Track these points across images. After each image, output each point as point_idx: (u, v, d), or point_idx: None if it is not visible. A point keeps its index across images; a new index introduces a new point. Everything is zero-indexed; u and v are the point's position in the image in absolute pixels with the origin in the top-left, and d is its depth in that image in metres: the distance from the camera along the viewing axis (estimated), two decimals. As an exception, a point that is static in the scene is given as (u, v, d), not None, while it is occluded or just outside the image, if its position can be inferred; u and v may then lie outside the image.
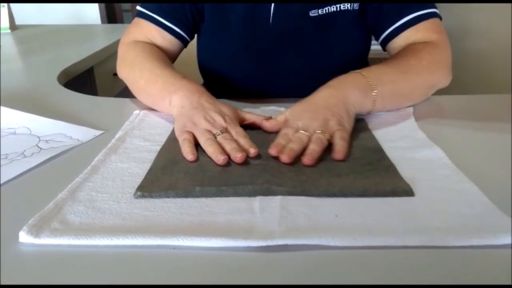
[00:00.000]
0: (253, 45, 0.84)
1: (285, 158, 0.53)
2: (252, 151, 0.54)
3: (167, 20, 0.80)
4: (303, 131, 0.57)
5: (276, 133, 0.60)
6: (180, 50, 0.86)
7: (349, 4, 0.78)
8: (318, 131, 0.57)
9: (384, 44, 0.81)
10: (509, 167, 0.51)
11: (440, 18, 0.78)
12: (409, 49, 0.74)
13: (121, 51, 0.80)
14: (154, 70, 0.71)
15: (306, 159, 0.52)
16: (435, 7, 0.77)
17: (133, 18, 0.84)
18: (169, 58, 0.81)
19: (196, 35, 0.90)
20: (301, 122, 0.59)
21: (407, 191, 0.46)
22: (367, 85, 0.64)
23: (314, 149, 0.54)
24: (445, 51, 0.75)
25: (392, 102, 0.68)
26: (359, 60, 0.88)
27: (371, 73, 0.66)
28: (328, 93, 0.63)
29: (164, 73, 0.70)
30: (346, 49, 0.84)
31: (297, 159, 0.53)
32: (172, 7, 0.80)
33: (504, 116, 0.68)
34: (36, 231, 0.39)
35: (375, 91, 0.64)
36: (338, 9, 0.79)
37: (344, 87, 0.64)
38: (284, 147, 0.55)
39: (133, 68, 0.75)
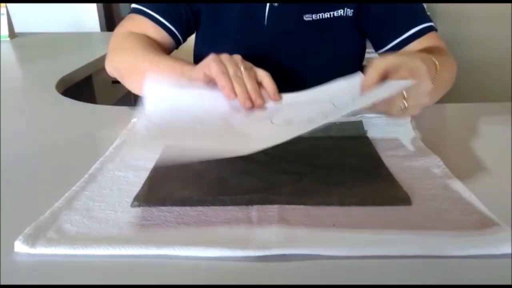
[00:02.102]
0: (247, 48, 0.84)
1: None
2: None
3: (162, 17, 0.80)
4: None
5: None
6: (171, 49, 0.86)
7: (343, 10, 0.79)
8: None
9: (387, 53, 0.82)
10: (508, 176, 0.51)
11: (436, 31, 0.80)
12: (437, 50, 0.74)
13: (115, 41, 0.80)
14: (154, 56, 0.71)
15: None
16: (431, 20, 0.79)
17: None
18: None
19: (194, 38, 0.91)
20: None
21: (405, 200, 0.45)
22: (434, 71, 0.61)
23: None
24: (454, 60, 0.76)
25: (432, 96, 0.65)
26: (354, 63, 0.88)
27: (438, 61, 0.62)
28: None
29: (166, 58, 0.69)
30: (341, 53, 0.84)
31: (296, 164, 0.53)
32: (167, 6, 0.81)
33: (503, 125, 0.68)
34: (32, 240, 0.39)
35: (435, 79, 0.61)
36: (332, 15, 0.80)
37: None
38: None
39: (132, 54, 0.74)
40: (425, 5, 0.83)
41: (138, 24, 0.81)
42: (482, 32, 2.07)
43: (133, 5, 0.82)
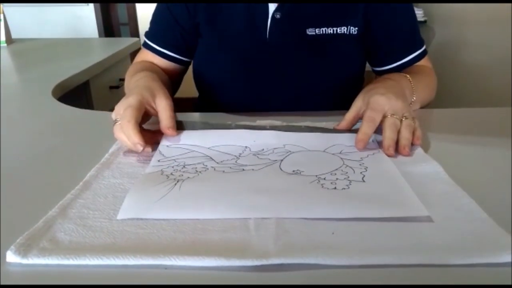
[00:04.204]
0: (249, 61, 0.83)
1: (392, 152, 0.57)
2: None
3: (162, 47, 0.87)
4: (394, 115, 0.59)
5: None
6: (181, 70, 0.92)
7: (346, 28, 0.79)
8: (406, 115, 0.60)
9: (383, 72, 0.86)
10: (509, 182, 0.51)
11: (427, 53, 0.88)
12: (421, 70, 0.82)
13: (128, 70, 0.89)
14: (131, 79, 0.77)
15: (406, 152, 0.57)
16: (424, 42, 0.87)
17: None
18: (170, 76, 0.88)
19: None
20: (388, 104, 0.60)
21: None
22: (411, 90, 0.72)
23: (409, 138, 0.58)
24: (436, 78, 0.86)
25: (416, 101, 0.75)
26: (355, 78, 0.88)
27: (414, 80, 0.74)
28: (396, 82, 0.69)
29: (133, 80, 0.73)
30: (342, 68, 0.84)
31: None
32: (164, 35, 0.87)
33: (504, 130, 0.67)
34: (24, 250, 0.38)
35: (414, 97, 0.73)
36: (335, 32, 0.80)
37: (401, 87, 0.69)
38: (368, 136, 0.59)
39: (128, 78, 0.83)
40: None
41: (145, 56, 0.90)
42: (482, 36, 2.08)
43: (144, 38, 0.91)
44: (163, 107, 0.62)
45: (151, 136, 0.63)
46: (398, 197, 0.47)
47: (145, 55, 0.90)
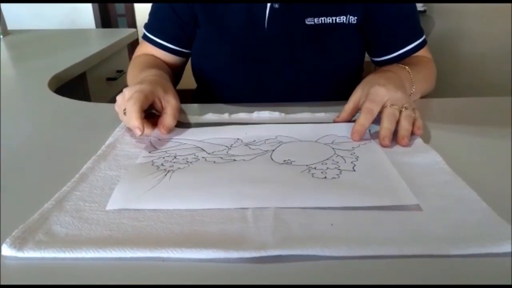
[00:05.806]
0: (248, 51, 0.83)
1: (387, 142, 0.56)
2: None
3: (162, 39, 0.87)
4: (394, 106, 0.59)
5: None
6: (182, 61, 0.92)
7: (345, 17, 0.78)
8: (406, 106, 0.59)
9: (382, 62, 0.86)
10: (509, 172, 0.50)
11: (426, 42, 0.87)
12: (420, 61, 0.82)
13: (130, 63, 0.89)
14: (132, 76, 0.80)
15: (405, 142, 0.56)
16: (424, 32, 0.86)
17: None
18: (171, 68, 0.88)
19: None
20: (387, 95, 0.60)
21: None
22: (410, 82, 0.72)
23: (408, 129, 0.58)
24: (435, 69, 0.86)
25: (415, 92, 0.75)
26: (354, 68, 0.87)
27: (413, 71, 0.74)
28: (395, 74, 0.68)
29: (137, 78, 0.73)
30: (342, 58, 0.84)
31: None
32: (164, 27, 0.87)
33: (504, 119, 0.67)
34: (20, 243, 0.38)
35: (413, 89, 0.73)
36: (334, 21, 0.79)
37: (400, 78, 0.69)
38: (365, 127, 0.58)
39: (128, 77, 0.86)
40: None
41: (146, 48, 0.90)
42: (481, 25, 2.06)
43: (143, 29, 0.90)
44: (172, 105, 0.63)
45: (153, 125, 0.63)
46: (387, 186, 0.47)
47: (145, 48, 0.89)
